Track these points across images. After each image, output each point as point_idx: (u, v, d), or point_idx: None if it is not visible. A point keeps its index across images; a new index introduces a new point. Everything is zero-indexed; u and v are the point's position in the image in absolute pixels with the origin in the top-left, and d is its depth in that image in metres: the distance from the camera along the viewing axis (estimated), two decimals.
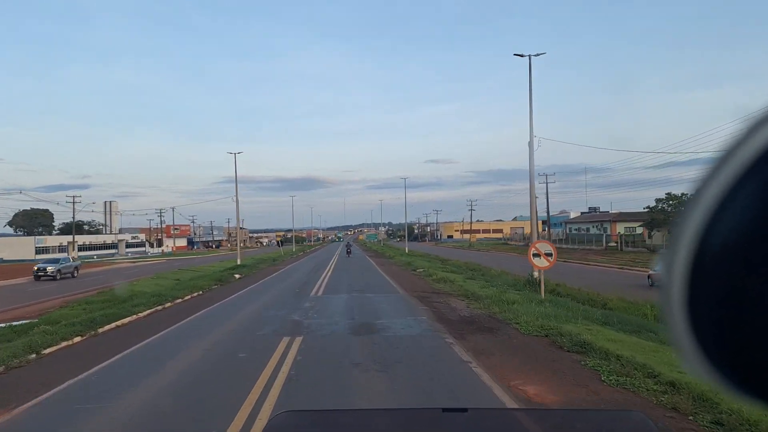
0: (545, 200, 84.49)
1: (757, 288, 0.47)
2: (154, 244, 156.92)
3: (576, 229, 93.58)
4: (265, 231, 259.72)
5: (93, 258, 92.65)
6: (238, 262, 44.98)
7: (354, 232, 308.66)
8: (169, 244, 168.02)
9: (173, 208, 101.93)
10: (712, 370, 0.53)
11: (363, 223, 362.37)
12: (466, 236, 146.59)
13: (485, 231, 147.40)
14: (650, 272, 27.73)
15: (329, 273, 32.56)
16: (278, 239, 62.78)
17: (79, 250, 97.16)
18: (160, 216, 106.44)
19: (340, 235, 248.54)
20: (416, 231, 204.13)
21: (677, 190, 59.87)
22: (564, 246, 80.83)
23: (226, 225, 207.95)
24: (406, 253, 63.12)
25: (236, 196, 49.95)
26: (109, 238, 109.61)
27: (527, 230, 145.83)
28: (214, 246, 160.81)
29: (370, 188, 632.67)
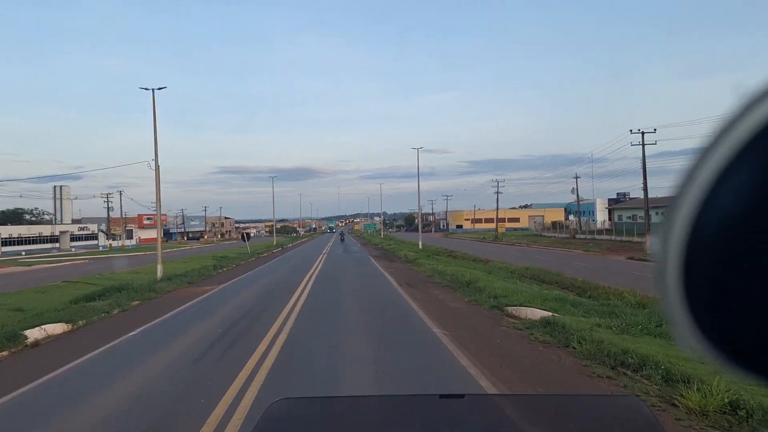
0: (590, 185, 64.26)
1: (752, 265, 0.46)
2: (122, 236, 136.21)
3: (629, 217, 73.30)
4: (258, 221, 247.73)
5: (21, 254, 71.79)
6: (158, 275, 24.28)
7: (348, 222, 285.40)
8: (141, 236, 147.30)
9: (121, 192, 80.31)
10: (707, 346, 0.52)
11: (357, 213, 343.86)
12: (478, 226, 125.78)
13: (500, 220, 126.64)
14: None
15: (289, 324, 12.06)
16: (243, 233, 42.60)
17: (6, 243, 75.88)
18: (107, 201, 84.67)
19: (331, 225, 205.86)
20: (417, 220, 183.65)
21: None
22: (624, 239, 60.32)
23: (212, 214, 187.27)
24: (423, 251, 42.54)
25: (155, 154, 28.79)
26: (48, 230, 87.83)
27: (548, 218, 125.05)
28: (182, 238, 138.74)
29: (364, 178, 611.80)
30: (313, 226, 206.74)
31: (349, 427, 1.95)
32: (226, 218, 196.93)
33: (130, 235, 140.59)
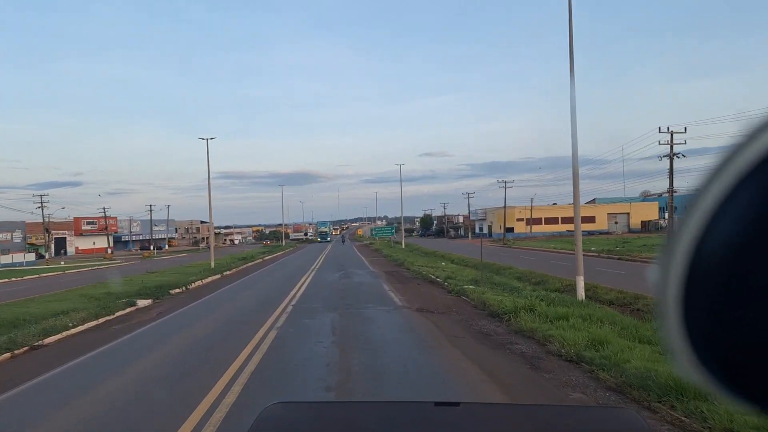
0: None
1: (752, 292, 0.45)
2: (50, 248, 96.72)
3: None
4: (255, 226, 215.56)
5: None
6: None
7: (346, 228, 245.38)
8: (80, 246, 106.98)
9: None
10: (704, 373, 0.51)
11: (359, 218, 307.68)
12: (536, 229, 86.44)
13: (566, 221, 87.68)
14: None
15: None
16: None
17: None
18: None
19: (324, 228, 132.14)
20: (435, 224, 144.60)
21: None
22: None
23: (183, 218, 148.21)
24: None
25: None
26: None
27: (637, 216, 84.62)
28: (130, 248, 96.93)
29: (365, 182, 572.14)
30: (310, 232, 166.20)
31: None
32: (203, 222, 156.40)
33: (61, 245, 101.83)
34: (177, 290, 20.96)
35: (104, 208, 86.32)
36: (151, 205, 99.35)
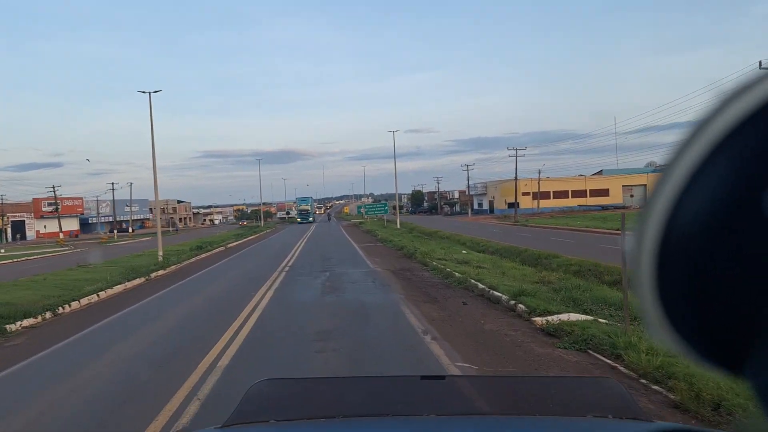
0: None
1: (722, 262, 0.46)
2: (6, 232, 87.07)
3: None
4: (238, 205, 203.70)
5: None
6: None
7: (332, 205, 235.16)
8: (40, 230, 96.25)
9: None
10: (678, 339, 0.52)
11: (344, 195, 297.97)
12: (544, 204, 77.08)
13: (579, 193, 78.72)
14: None
15: None
16: None
17: None
18: None
19: (304, 206, 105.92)
20: (426, 200, 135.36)
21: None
22: None
23: (163, 199, 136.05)
24: None
25: None
26: None
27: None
28: (107, 231, 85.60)
29: (350, 159, 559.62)
30: (293, 211, 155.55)
31: (331, 408, 1.84)
32: (179, 202, 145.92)
33: (18, 229, 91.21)
34: (30, 321, 11.48)
35: (54, 187, 75.44)
36: (113, 183, 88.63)
